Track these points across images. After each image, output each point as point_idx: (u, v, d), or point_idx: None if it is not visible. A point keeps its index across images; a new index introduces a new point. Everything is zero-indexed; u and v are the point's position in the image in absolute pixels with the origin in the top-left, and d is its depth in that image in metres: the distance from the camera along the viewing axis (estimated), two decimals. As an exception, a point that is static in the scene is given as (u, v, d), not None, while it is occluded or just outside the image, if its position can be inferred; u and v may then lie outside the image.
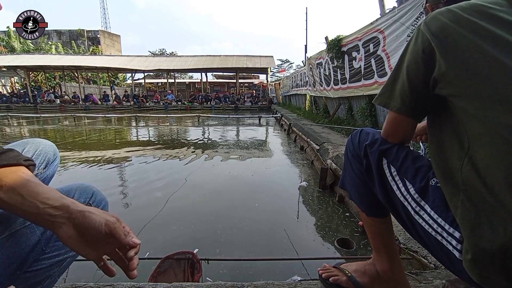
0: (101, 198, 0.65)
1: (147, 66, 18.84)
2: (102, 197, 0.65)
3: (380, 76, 4.40)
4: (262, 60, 19.56)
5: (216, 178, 3.45)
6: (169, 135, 7.38)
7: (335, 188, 2.89)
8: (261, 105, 17.91)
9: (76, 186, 0.63)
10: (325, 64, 6.96)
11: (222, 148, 5.43)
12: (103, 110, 16.08)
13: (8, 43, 23.78)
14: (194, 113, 12.65)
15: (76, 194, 0.61)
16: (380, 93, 0.67)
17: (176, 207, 2.52)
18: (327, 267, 0.95)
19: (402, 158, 0.66)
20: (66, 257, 0.60)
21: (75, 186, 0.62)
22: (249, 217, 2.34)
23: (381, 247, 0.82)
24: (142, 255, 1.73)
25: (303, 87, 11.14)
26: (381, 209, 0.76)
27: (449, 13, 0.53)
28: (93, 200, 0.62)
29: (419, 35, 0.57)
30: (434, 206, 0.57)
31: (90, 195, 0.62)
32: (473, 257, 0.47)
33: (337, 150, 3.39)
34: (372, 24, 4.51)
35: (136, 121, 10.83)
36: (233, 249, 1.85)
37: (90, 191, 0.63)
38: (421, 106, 0.61)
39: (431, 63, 0.54)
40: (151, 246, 1.82)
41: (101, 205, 0.64)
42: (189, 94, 22.72)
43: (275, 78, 33.21)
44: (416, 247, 1.34)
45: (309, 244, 1.95)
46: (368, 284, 0.85)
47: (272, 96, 20.64)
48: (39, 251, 0.55)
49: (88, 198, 0.61)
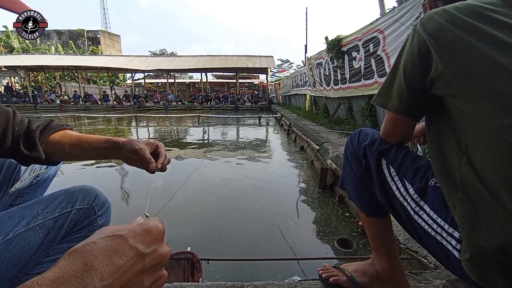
0: (104, 200, 0.65)
1: (147, 66, 18.84)
2: (105, 199, 0.65)
3: (380, 76, 4.40)
4: (262, 60, 19.55)
5: (216, 178, 3.45)
6: (169, 135, 7.38)
7: (335, 188, 2.89)
8: (261, 105, 17.90)
9: (79, 187, 0.63)
10: (325, 64, 6.96)
11: (222, 148, 5.43)
12: (103, 110, 16.07)
13: (7, 42, 23.79)
14: (194, 113, 12.65)
15: (80, 196, 0.61)
16: (378, 94, 0.67)
17: (176, 208, 2.52)
18: (327, 267, 0.95)
19: (401, 158, 0.66)
20: None
21: (79, 188, 0.63)
22: (249, 217, 2.34)
23: (381, 247, 0.82)
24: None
25: (303, 87, 11.15)
26: (381, 209, 0.76)
27: (445, 13, 0.53)
28: (96, 203, 0.62)
29: (415, 35, 0.57)
30: (433, 206, 0.57)
31: (94, 197, 0.62)
32: (471, 256, 0.47)
33: (337, 150, 3.39)
34: (372, 24, 4.51)
35: (136, 121, 10.83)
36: (233, 249, 1.85)
37: (94, 193, 0.63)
38: (419, 106, 0.61)
39: (427, 63, 0.54)
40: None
41: (103, 207, 0.64)
42: (189, 94, 22.72)
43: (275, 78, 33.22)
44: (416, 247, 1.34)
45: (309, 244, 1.96)
46: (368, 284, 0.85)
47: (272, 96, 20.65)
48: (42, 254, 0.55)
49: (92, 200, 0.62)
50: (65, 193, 0.60)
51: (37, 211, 0.56)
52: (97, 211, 0.62)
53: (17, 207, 0.58)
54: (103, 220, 0.64)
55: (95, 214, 0.62)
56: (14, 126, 0.61)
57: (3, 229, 0.52)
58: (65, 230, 0.58)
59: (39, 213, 0.56)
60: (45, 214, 0.56)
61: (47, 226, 0.55)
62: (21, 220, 0.53)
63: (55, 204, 0.58)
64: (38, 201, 0.59)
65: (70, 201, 0.59)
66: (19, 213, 0.55)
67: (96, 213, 0.62)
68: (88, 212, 0.61)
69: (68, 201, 0.59)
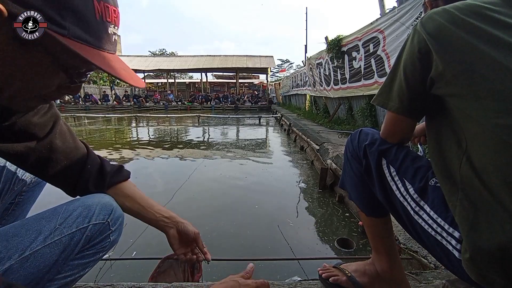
0: (119, 214, 0.63)
1: (147, 66, 18.85)
2: (120, 212, 0.64)
3: (380, 76, 4.40)
4: (262, 60, 19.57)
5: (216, 178, 3.45)
6: (169, 135, 7.38)
7: (335, 188, 2.89)
8: (261, 105, 17.90)
9: (97, 200, 0.60)
10: (325, 64, 6.96)
11: (222, 148, 5.43)
12: (103, 110, 16.07)
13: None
14: (194, 113, 12.66)
15: (97, 209, 0.59)
16: (378, 94, 0.67)
17: (176, 208, 2.52)
18: (327, 267, 0.95)
19: (402, 158, 0.66)
20: (78, 276, 0.58)
21: (96, 200, 0.60)
22: (248, 217, 2.34)
23: (381, 247, 0.82)
24: (142, 255, 1.73)
25: (303, 87, 11.15)
26: (381, 209, 0.76)
27: (445, 13, 0.53)
28: (112, 218, 0.60)
29: (415, 35, 0.57)
30: (433, 206, 0.57)
31: (110, 211, 0.60)
32: (471, 256, 0.47)
33: (337, 150, 3.39)
34: (372, 24, 4.51)
35: (136, 121, 10.83)
36: (233, 249, 1.85)
37: (110, 206, 0.61)
38: (419, 106, 0.61)
39: (427, 63, 0.54)
40: (151, 246, 1.82)
41: (117, 222, 0.62)
42: (189, 94, 22.72)
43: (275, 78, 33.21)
44: (416, 247, 1.34)
45: (309, 244, 1.96)
46: (368, 284, 0.85)
47: (272, 96, 20.65)
48: (55, 271, 0.53)
49: (108, 215, 0.60)
50: (83, 206, 0.58)
51: (55, 225, 0.54)
52: (111, 226, 0.60)
53: (33, 217, 0.55)
54: (115, 235, 0.63)
55: (109, 230, 0.60)
56: (87, 164, 0.64)
57: (20, 244, 0.49)
58: (80, 247, 0.56)
59: (57, 228, 0.53)
60: (62, 230, 0.54)
61: (63, 243, 0.53)
62: (39, 235, 0.51)
63: (72, 218, 0.56)
64: (55, 212, 0.56)
65: (87, 215, 0.57)
66: (36, 226, 0.53)
67: (110, 229, 0.60)
68: (103, 228, 0.59)
69: (85, 215, 0.57)
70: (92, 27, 0.39)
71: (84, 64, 0.42)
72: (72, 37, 0.37)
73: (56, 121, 0.62)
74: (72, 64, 0.41)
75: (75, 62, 0.41)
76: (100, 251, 0.60)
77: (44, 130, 0.59)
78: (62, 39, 0.36)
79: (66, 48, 0.37)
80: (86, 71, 0.45)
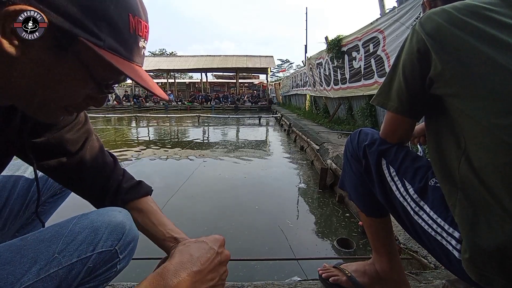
0: (132, 237, 0.55)
1: (147, 66, 18.81)
2: (133, 235, 0.55)
3: (380, 76, 4.41)
4: (262, 60, 19.57)
5: (215, 178, 3.45)
6: (169, 135, 7.38)
7: (335, 188, 2.89)
8: (261, 105, 17.91)
9: (107, 221, 0.51)
10: (325, 64, 6.96)
11: (222, 148, 5.43)
12: (103, 110, 16.03)
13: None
14: (194, 113, 12.65)
15: (105, 233, 0.51)
16: (378, 93, 0.67)
17: (175, 208, 2.52)
18: (327, 267, 0.95)
19: (401, 158, 0.66)
20: None
21: (106, 222, 0.51)
22: (248, 217, 2.34)
23: (381, 247, 0.82)
24: (142, 255, 1.73)
25: (303, 87, 11.15)
26: (381, 209, 0.76)
27: (444, 13, 0.53)
28: (121, 244, 0.52)
29: (414, 35, 0.57)
30: (433, 206, 0.57)
31: (120, 236, 0.52)
32: (471, 256, 0.47)
33: (337, 150, 3.39)
34: (372, 24, 4.51)
35: (136, 121, 10.83)
36: (232, 249, 1.85)
37: (122, 230, 0.52)
38: (418, 106, 0.61)
39: (426, 63, 0.54)
40: (151, 246, 1.82)
41: (128, 247, 0.54)
42: (189, 94, 22.73)
43: (275, 78, 33.22)
44: (416, 247, 1.34)
45: (309, 244, 1.96)
46: (368, 284, 0.85)
47: (272, 96, 20.65)
48: None
49: (117, 240, 0.51)
50: (90, 228, 0.50)
51: (53, 252, 0.47)
52: (120, 254, 0.52)
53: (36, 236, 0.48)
54: (124, 263, 0.55)
55: (116, 258, 0.52)
56: (110, 180, 0.63)
57: (10, 276, 0.43)
58: (78, 280, 0.48)
59: (55, 257, 0.46)
60: (60, 260, 0.46)
61: (60, 276, 0.46)
62: (33, 265, 0.45)
63: (75, 244, 0.48)
64: (59, 233, 0.49)
65: (93, 241, 0.49)
66: (33, 253, 0.46)
67: (118, 256, 0.52)
68: (109, 257, 0.51)
69: (90, 240, 0.49)
70: (126, 39, 0.40)
71: (116, 75, 0.43)
72: (107, 48, 0.38)
73: (88, 137, 0.62)
74: (103, 75, 0.41)
75: (107, 73, 0.41)
76: (103, 282, 0.53)
77: (75, 146, 0.59)
78: (98, 49, 0.36)
79: (101, 59, 0.37)
80: (114, 82, 0.45)
